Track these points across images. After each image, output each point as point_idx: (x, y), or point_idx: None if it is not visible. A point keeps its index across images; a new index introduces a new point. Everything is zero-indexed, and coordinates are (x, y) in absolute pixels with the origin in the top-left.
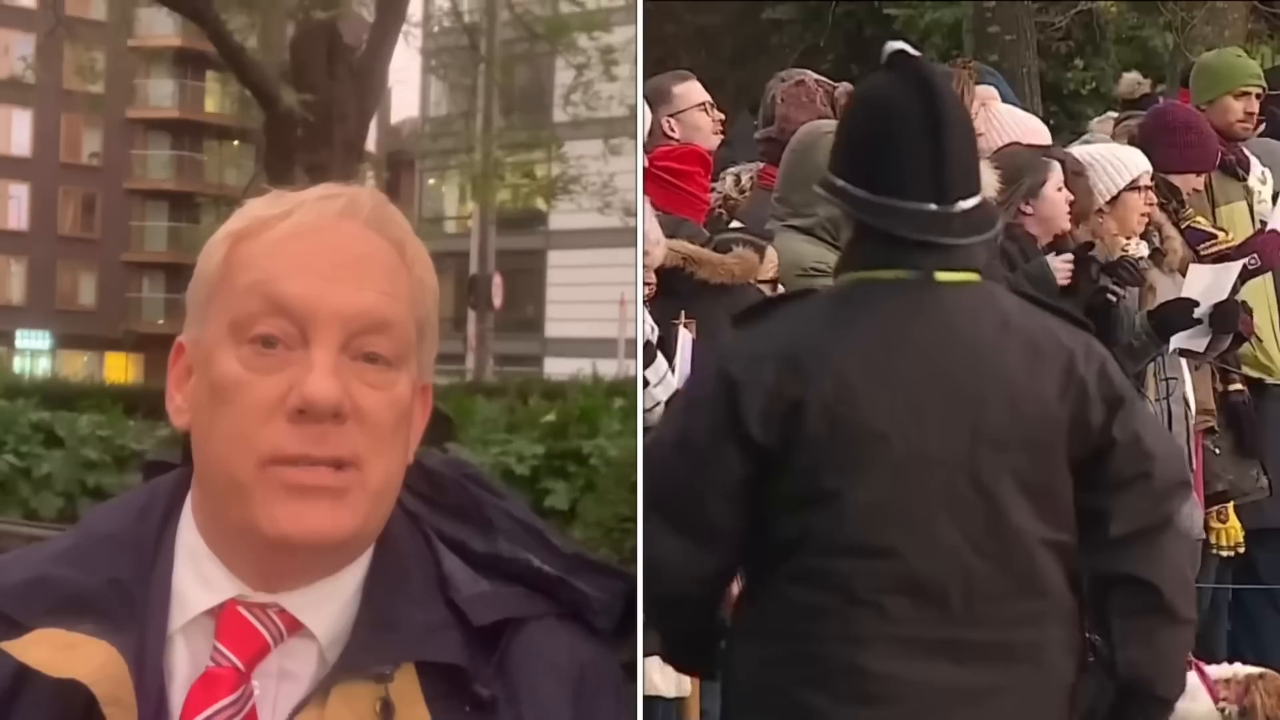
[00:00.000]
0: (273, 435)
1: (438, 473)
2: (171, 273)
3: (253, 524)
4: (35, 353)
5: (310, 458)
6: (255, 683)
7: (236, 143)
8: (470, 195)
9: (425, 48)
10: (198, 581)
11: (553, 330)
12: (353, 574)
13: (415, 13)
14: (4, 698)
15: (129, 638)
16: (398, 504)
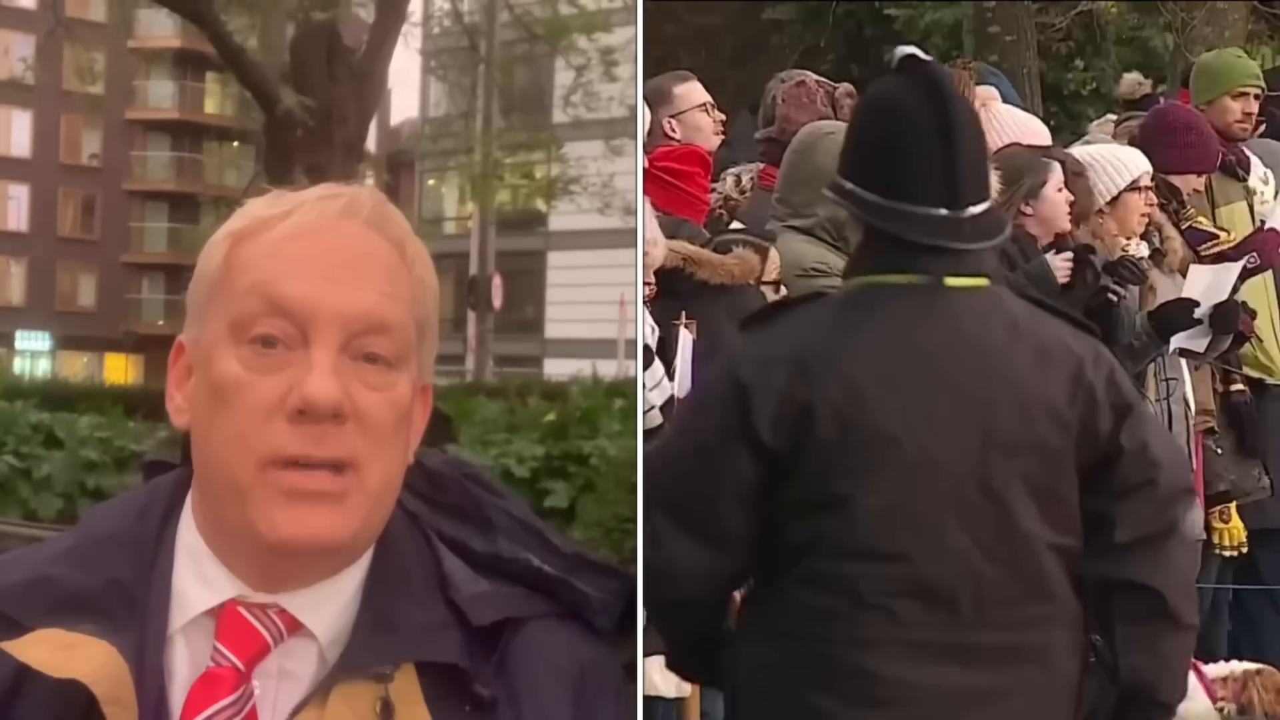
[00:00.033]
0: (273, 435)
1: (438, 472)
2: (171, 274)
3: (251, 527)
4: (35, 354)
5: (310, 458)
6: (255, 683)
7: (236, 144)
8: (470, 196)
9: (425, 49)
10: (198, 581)
11: (552, 331)
12: (353, 574)
13: (415, 14)
14: (4, 698)
15: (129, 638)
16: (398, 504)
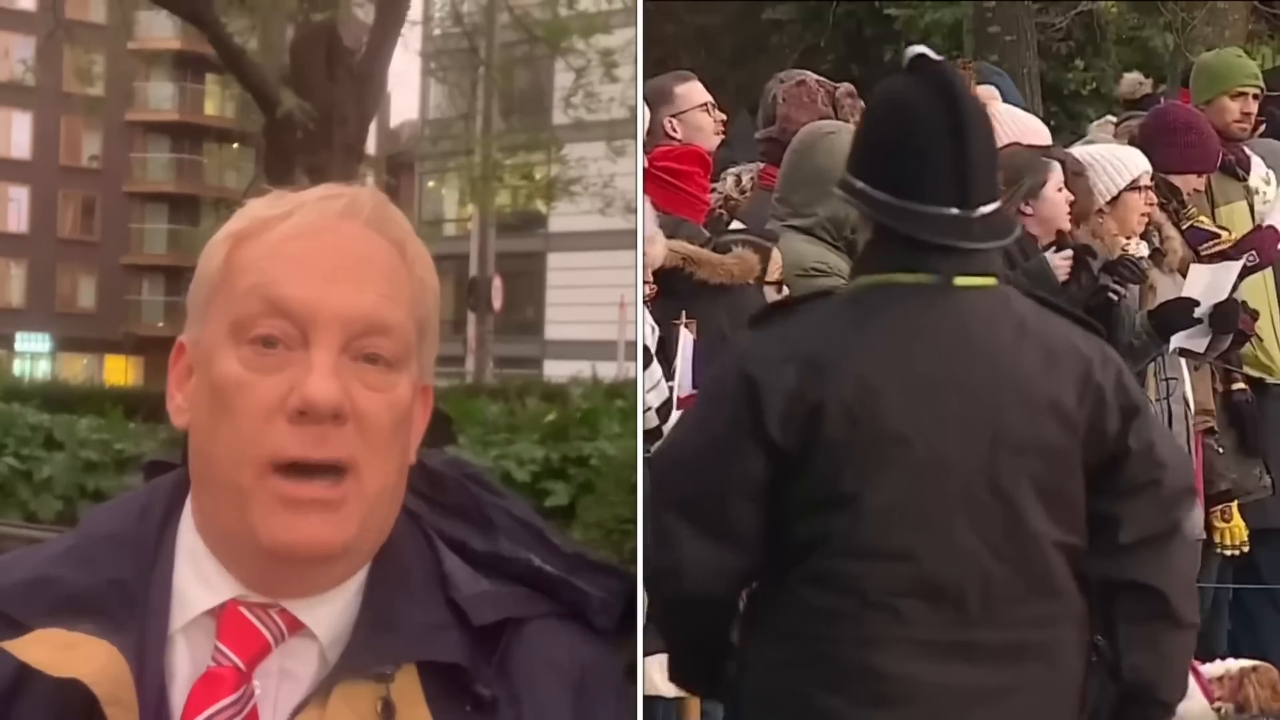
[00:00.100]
0: (273, 437)
1: (438, 472)
2: (171, 275)
3: (250, 531)
4: (35, 355)
5: (309, 460)
6: (256, 682)
7: (236, 145)
8: (470, 198)
9: (425, 50)
10: (198, 581)
11: (552, 333)
12: (354, 575)
13: (415, 15)
14: (5, 697)
15: (130, 637)
16: None
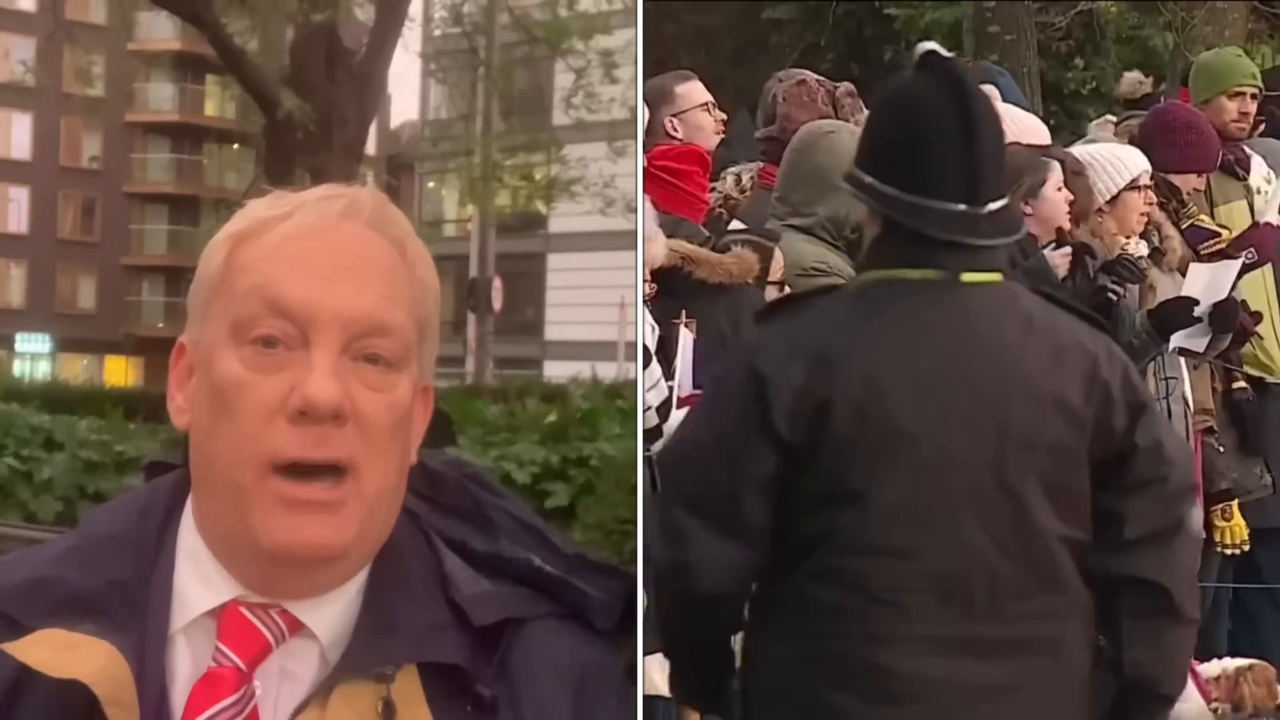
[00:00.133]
0: (274, 437)
1: (439, 473)
2: (171, 276)
3: (250, 531)
4: (35, 356)
5: (310, 460)
6: (257, 683)
7: (236, 146)
8: (470, 198)
9: (425, 51)
10: (199, 582)
11: (552, 333)
12: (355, 576)
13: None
14: (5, 698)
15: (130, 638)
16: None
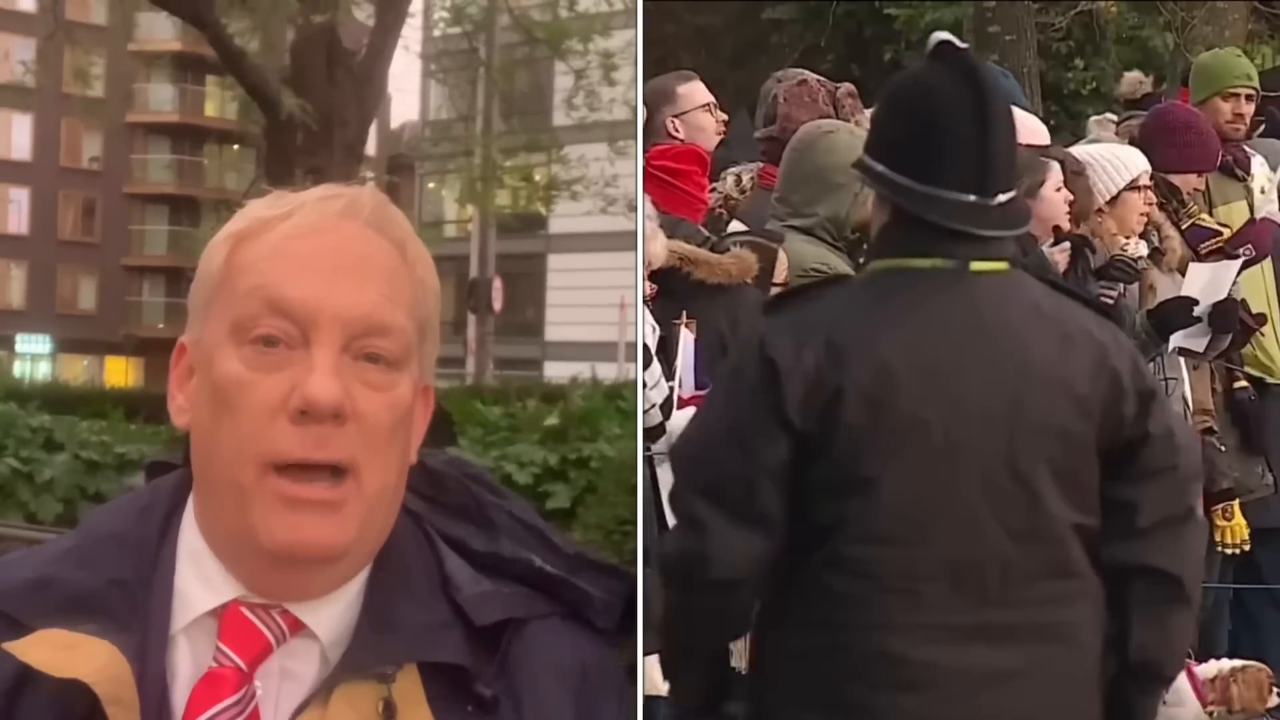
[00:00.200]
0: (275, 437)
1: (439, 472)
2: (171, 276)
3: (251, 531)
4: (35, 357)
5: (310, 462)
6: (258, 683)
7: (236, 147)
8: (470, 199)
9: (425, 52)
10: (200, 582)
11: (553, 334)
12: (355, 577)
13: (415, 17)
14: (7, 698)
15: (131, 638)
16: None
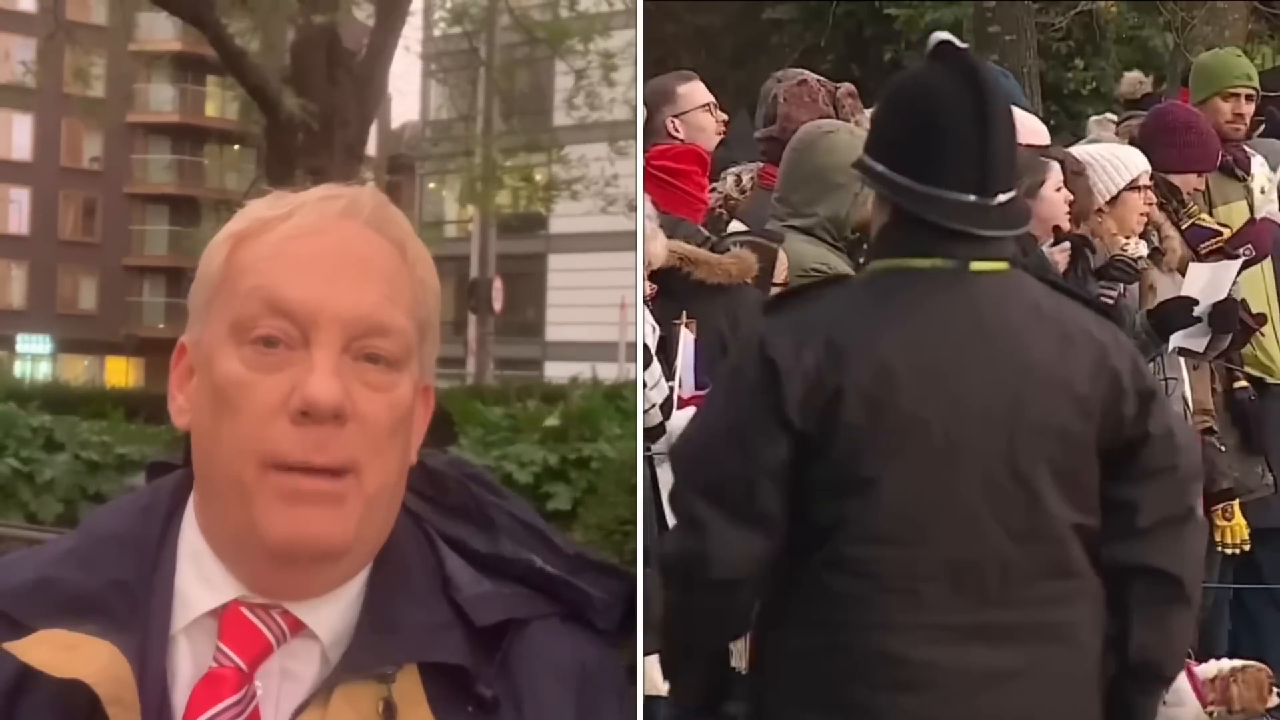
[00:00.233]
0: (275, 438)
1: (440, 473)
2: (172, 277)
3: (253, 528)
4: (36, 357)
5: (310, 465)
6: (258, 683)
7: (237, 147)
8: (470, 199)
9: (425, 52)
10: (200, 582)
11: (553, 334)
12: (356, 576)
13: (416, 17)
14: (7, 698)
15: (132, 638)
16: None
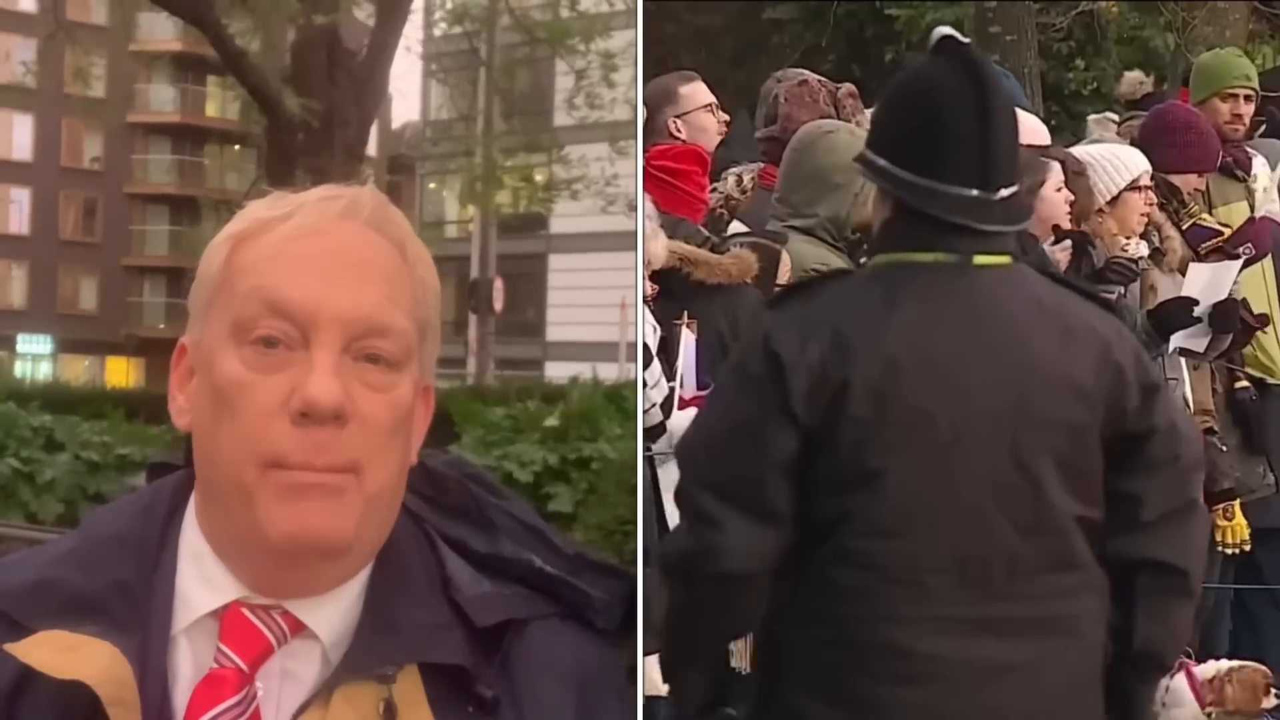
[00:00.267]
0: (276, 438)
1: (440, 473)
2: (172, 277)
3: (255, 525)
4: (36, 357)
5: (310, 466)
6: (259, 684)
7: (237, 147)
8: (471, 199)
9: (426, 52)
10: (201, 582)
11: (554, 334)
12: (356, 575)
13: (416, 17)
14: (8, 699)
15: (133, 639)
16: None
